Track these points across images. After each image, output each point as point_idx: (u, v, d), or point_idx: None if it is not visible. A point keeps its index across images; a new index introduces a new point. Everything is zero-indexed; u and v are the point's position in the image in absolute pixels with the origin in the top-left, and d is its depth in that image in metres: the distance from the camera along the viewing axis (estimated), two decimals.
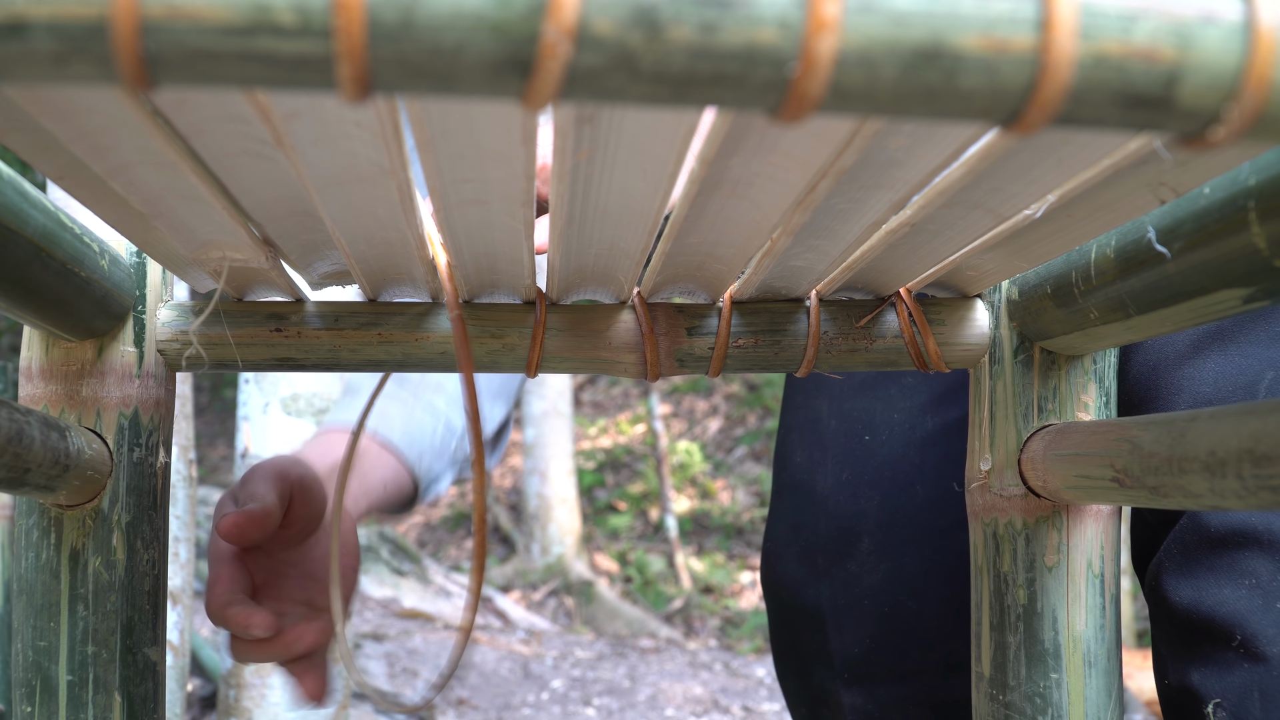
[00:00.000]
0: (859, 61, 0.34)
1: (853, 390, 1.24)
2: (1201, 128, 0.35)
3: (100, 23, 0.33)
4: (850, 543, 1.22)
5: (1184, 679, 0.98)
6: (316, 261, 0.81)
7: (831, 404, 1.25)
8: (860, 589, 1.22)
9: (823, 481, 1.25)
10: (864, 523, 1.22)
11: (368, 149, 0.56)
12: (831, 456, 1.24)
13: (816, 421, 1.26)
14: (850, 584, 1.22)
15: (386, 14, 0.33)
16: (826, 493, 1.24)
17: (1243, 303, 0.61)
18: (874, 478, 1.22)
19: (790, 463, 1.30)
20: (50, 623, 0.83)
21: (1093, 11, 0.34)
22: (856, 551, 1.22)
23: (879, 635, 1.21)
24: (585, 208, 0.65)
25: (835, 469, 1.23)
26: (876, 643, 1.22)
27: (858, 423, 1.23)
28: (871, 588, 1.22)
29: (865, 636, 1.22)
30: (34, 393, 0.85)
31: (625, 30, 0.33)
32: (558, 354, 0.88)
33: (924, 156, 0.55)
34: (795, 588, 1.28)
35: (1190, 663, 0.97)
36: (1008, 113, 0.35)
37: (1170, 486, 0.63)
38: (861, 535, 1.22)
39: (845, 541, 1.22)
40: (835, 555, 1.23)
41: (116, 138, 0.56)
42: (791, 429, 1.30)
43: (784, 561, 1.29)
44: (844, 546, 1.22)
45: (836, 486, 1.23)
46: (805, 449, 1.28)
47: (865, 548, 1.22)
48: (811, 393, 1.28)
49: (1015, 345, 0.88)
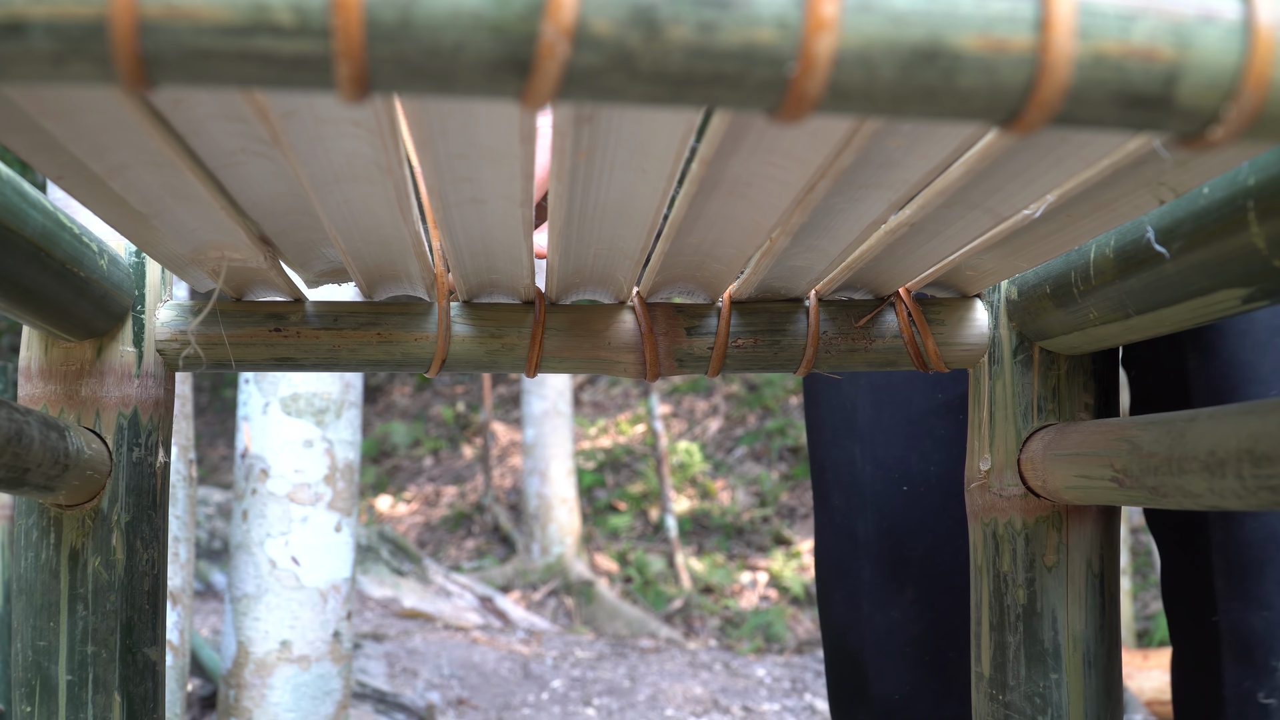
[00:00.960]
0: (858, 61, 0.34)
1: (885, 438, 1.23)
2: (1200, 127, 0.35)
3: (99, 22, 0.33)
4: (894, 591, 1.23)
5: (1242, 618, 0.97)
6: (313, 260, 0.81)
7: (864, 449, 1.25)
8: (903, 636, 1.23)
9: (864, 529, 1.25)
10: (908, 572, 1.23)
11: (365, 147, 0.56)
12: (871, 505, 1.24)
13: (851, 464, 1.26)
14: (894, 631, 1.23)
15: (385, 14, 0.33)
16: (868, 540, 1.25)
17: (1242, 303, 0.60)
18: (916, 528, 1.22)
19: (829, 504, 1.30)
20: (50, 622, 0.83)
21: (1091, 11, 0.34)
22: (901, 600, 1.23)
23: (919, 682, 1.23)
24: (584, 207, 0.64)
25: (875, 518, 1.24)
26: (916, 689, 1.23)
27: (894, 471, 1.24)
28: (914, 636, 1.23)
29: (905, 683, 1.23)
30: (33, 392, 0.85)
31: (624, 30, 0.33)
32: (557, 354, 0.88)
33: (923, 156, 0.55)
34: (840, 630, 1.29)
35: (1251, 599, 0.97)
36: (1006, 112, 0.35)
37: (1170, 486, 0.63)
38: (905, 585, 1.23)
39: (889, 590, 1.23)
40: (879, 602, 1.24)
41: (115, 137, 0.56)
42: (825, 468, 1.31)
43: (831, 603, 1.30)
44: (888, 595, 1.23)
45: (878, 535, 1.24)
46: (843, 493, 1.28)
47: (909, 597, 1.23)
48: (841, 431, 1.27)
49: (1015, 345, 0.87)
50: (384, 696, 4.61)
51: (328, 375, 2.85)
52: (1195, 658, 1.03)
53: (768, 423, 9.26)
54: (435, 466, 9.70)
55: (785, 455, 8.99)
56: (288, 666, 2.85)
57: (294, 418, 2.86)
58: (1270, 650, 0.97)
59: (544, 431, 7.67)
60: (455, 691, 4.98)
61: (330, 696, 2.89)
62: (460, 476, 9.46)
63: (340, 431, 2.89)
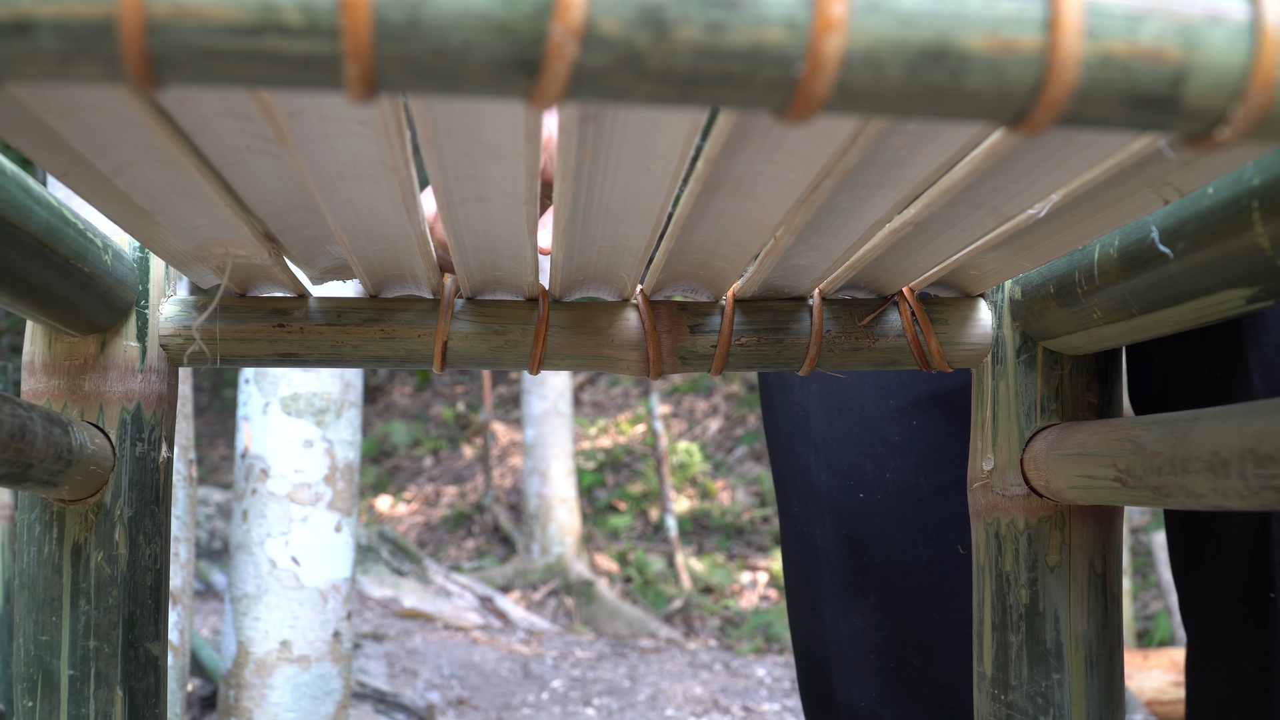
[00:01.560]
0: (865, 61, 0.34)
1: (839, 444, 1.22)
2: (1208, 128, 0.35)
3: (106, 22, 0.33)
4: (856, 598, 1.22)
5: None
6: (318, 257, 0.81)
7: (819, 455, 1.24)
8: (867, 644, 1.22)
9: (823, 537, 1.24)
10: (869, 579, 1.22)
11: (370, 146, 0.56)
12: (829, 512, 1.23)
13: (807, 471, 1.25)
14: (857, 639, 1.22)
15: (393, 13, 0.33)
16: (828, 548, 1.23)
17: (1246, 303, 0.61)
18: (874, 536, 1.21)
19: (789, 511, 1.29)
20: (52, 617, 0.83)
21: (1099, 12, 0.34)
22: (863, 607, 1.21)
23: (885, 690, 1.22)
24: (589, 205, 0.65)
25: (834, 525, 1.23)
26: (883, 698, 1.22)
27: (850, 479, 1.22)
28: (878, 644, 1.22)
29: (871, 690, 1.22)
30: (37, 387, 0.85)
31: (632, 30, 0.33)
32: (560, 351, 0.88)
33: (928, 156, 0.55)
34: (805, 638, 1.28)
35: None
36: (1014, 113, 0.35)
37: (1173, 486, 0.63)
38: (867, 592, 1.22)
39: (850, 597, 1.22)
40: (841, 610, 1.23)
41: (120, 135, 0.56)
42: (784, 475, 1.29)
43: (796, 611, 1.29)
44: (849, 602, 1.22)
45: (838, 543, 1.23)
46: (801, 500, 1.26)
47: (871, 604, 1.22)
48: (796, 438, 1.26)
49: (1018, 345, 0.87)
50: (384, 696, 4.61)
51: (328, 375, 2.85)
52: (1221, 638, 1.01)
53: None
54: (435, 466, 9.71)
55: None
56: (288, 666, 2.85)
57: (294, 418, 2.86)
58: None
59: (544, 431, 7.67)
60: (455, 691, 4.98)
61: (330, 696, 2.89)
62: (460, 476, 9.46)
63: (340, 431, 2.90)
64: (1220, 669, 1.03)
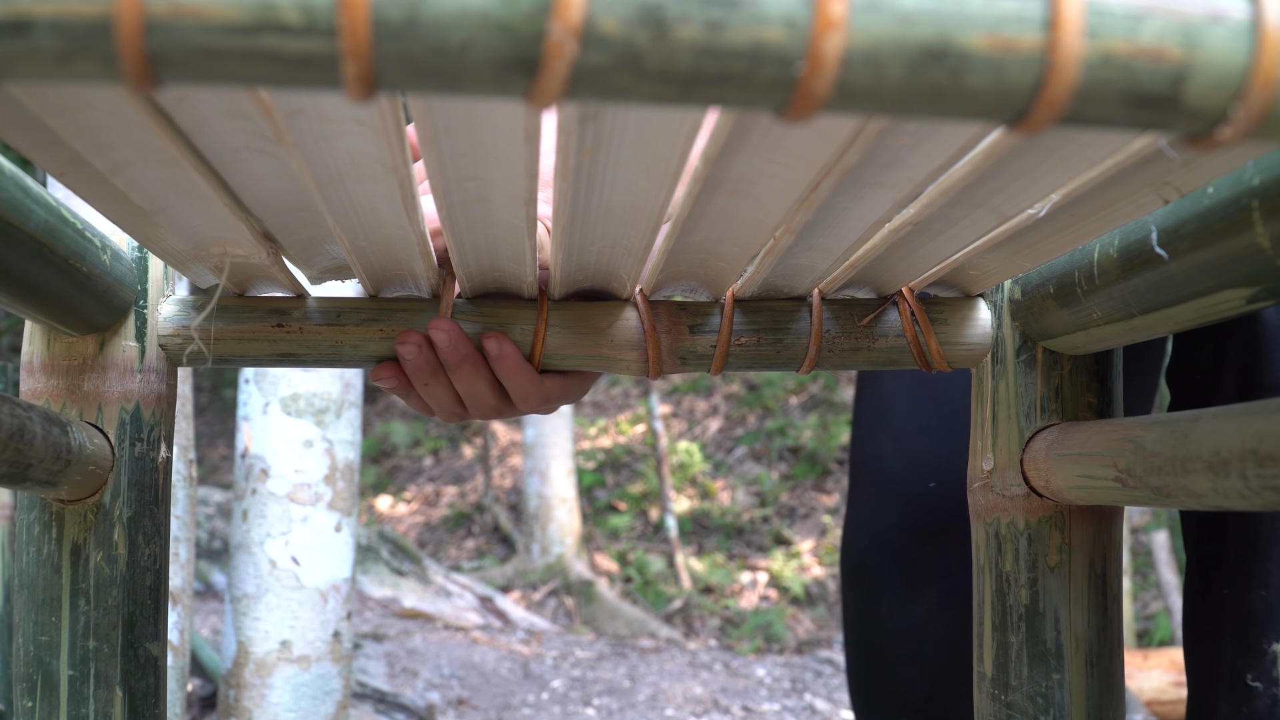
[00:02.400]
0: (866, 61, 0.34)
1: (917, 433, 1.22)
2: (1208, 127, 0.35)
3: (104, 21, 0.33)
4: (917, 589, 1.22)
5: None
6: (316, 256, 0.81)
7: (896, 443, 1.24)
8: (924, 635, 1.22)
9: (887, 525, 1.24)
10: (930, 571, 1.22)
11: (369, 146, 0.56)
12: (897, 500, 1.23)
13: (880, 459, 1.25)
14: (915, 629, 1.22)
15: (391, 12, 0.33)
16: (891, 537, 1.24)
17: (1246, 303, 0.61)
18: (940, 527, 1.21)
19: (858, 499, 1.29)
20: (51, 617, 0.83)
21: (1099, 11, 0.34)
22: (923, 599, 1.21)
23: (938, 682, 1.22)
24: (588, 205, 0.65)
25: (901, 515, 1.23)
26: (936, 689, 1.22)
27: (924, 466, 1.22)
28: (935, 635, 1.22)
29: (925, 684, 1.22)
30: (35, 387, 0.85)
31: (631, 29, 0.33)
32: (560, 351, 0.88)
33: (927, 155, 0.55)
34: (861, 627, 1.28)
35: None
36: (1014, 112, 0.35)
37: (1173, 487, 0.63)
38: (929, 584, 1.22)
39: (911, 588, 1.22)
40: (901, 600, 1.23)
41: (118, 134, 0.56)
42: (858, 463, 1.29)
43: (853, 600, 1.29)
44: (910, 592, 1.22)
45: (903, 532, 1.23)
46: (871, 487, 1.27)
47: (931, 596, 1.22)
48: (877, 425, 1.27)
49: (1018, 345, 0.87)
50: (384, 696, 4.61)
51: (328, 375, 2.85)
52: (1205, 630, 1.02)
53: (768, 423, 9.27)
54: (435, 466, 9.71)
55: (785, 455, 9.00)
56: (288, 666, 2.85)
57: (294, 418, 2.86)
58: (1263, 631, 0.96)
59: (544, 431, 7.67)
60: (455, 691, 4.98)
61: (330, 696, 2.89)
62: (460, 476, 9.46)
63: (340, 431, 2.90)
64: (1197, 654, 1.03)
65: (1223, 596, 0.99)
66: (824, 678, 5.56)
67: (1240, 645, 0.98)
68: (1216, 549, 1.00)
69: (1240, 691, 0.96)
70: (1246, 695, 0.96)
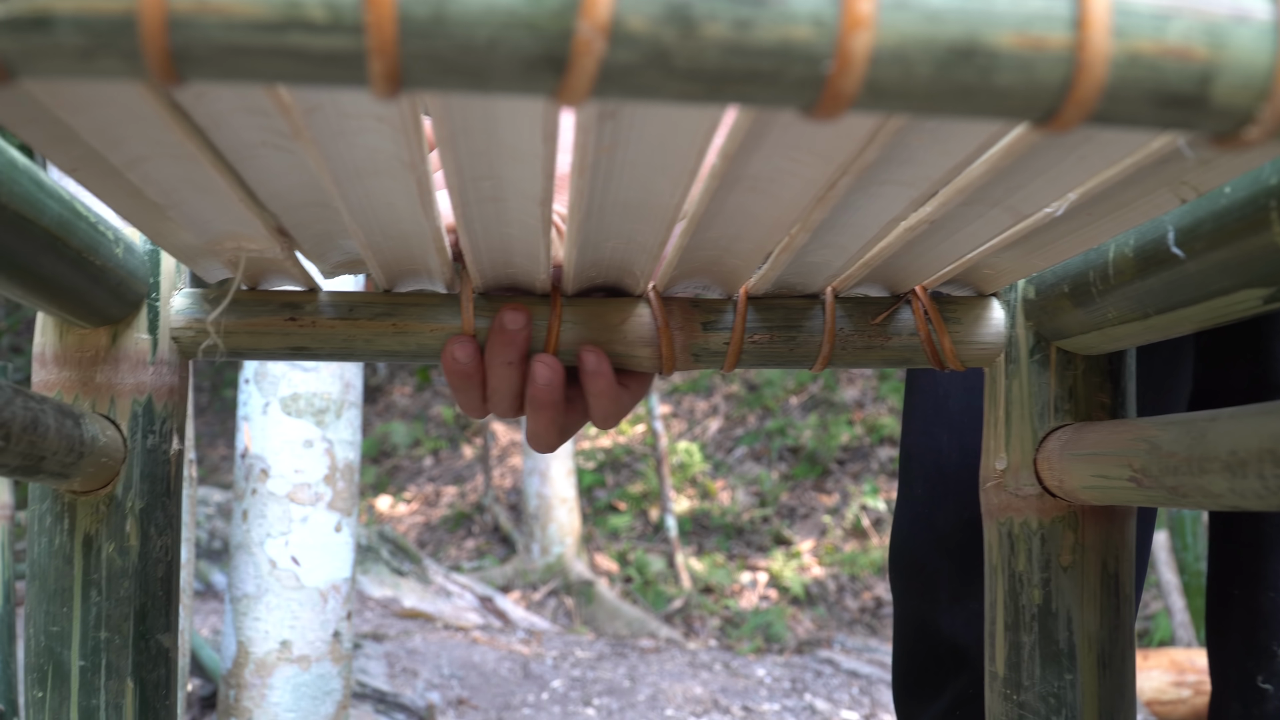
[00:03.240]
0: (894, 59, 0.34)
1: (974, 425, 1.21)
2: (1235, 127, 0.35)
3: (128, 17, 0.33)
4: (973, 583, 1.21)
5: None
6: (330, 251, 0.81)
7: (952, 435, 1.23)
8: (980, 630, 1.21)
9: (945, 520, 1.23)
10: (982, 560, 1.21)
11: (388, 143, 0.56)
12: (954, 494, 1.22)
13: (937, 452, 1.24)
14: (973, 624, 1.21)
15: (418, 9, 0.33)
16: (949, 532, 1.23)
17: (1263, 303, 0.61)
18: None
19: (912, 493, 1.28)
20: (63, 608, 0.83)
21: (1126, 10, 0.34)
22: (978, 592, 1.20)
23: None
24: (604, 201, 0.65)
25: (957, 509, 1.22)
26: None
27: (979, 460, 1.22)
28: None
29: (980, 676, 1.21)
30: (48, 379, 0.85)
31: (659, 27, 0.33)
32: (573, 346, 0.88)
33: (946, 153, 0.55)
34: (916, 622, 1.27)
35: None
36: (1043, 111, 0.35)
37: (1189, 487, 0.63)
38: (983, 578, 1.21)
39: (967, 582, 1.21)
40: (957, 595, 1.22)
41: (132, 130, 0.56)
42: (912, 456, 1.29)
43: (907, 595, 1.28)
44: (966, 587, 1.22)
45: (959, 526, 1.22)
46: (926, 482, 1.26)
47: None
48: (931, 418, 1.26)
49: (1031, 344, 0.87)
50: (384, 696, 4.62)
51: (328, 375, 2.85)
52: (1219, 631, 1.02)
53: (768, 423, 9.27)
54: (435, 466, 9.71)
55: (785, 455, 9.00)
56: (288, 666, 2.85)
57: (294, 418, 2.87)
58: (1272, 633, 0.96)
59: None
60: (455, 691, 4.99)
61: (330, 696, 2.90)
62: (460, 476, 9.47)
63: (340, 431, 2.90)
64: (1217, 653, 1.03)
65: (1233, 597, 0.99)
66: (824, 678, 5.57)
67: (1250, 646, 0.98)
68: (1231, 550, 1.00)
69: (1251, 693, 0.96)
70: (1257, 697, 0.96)
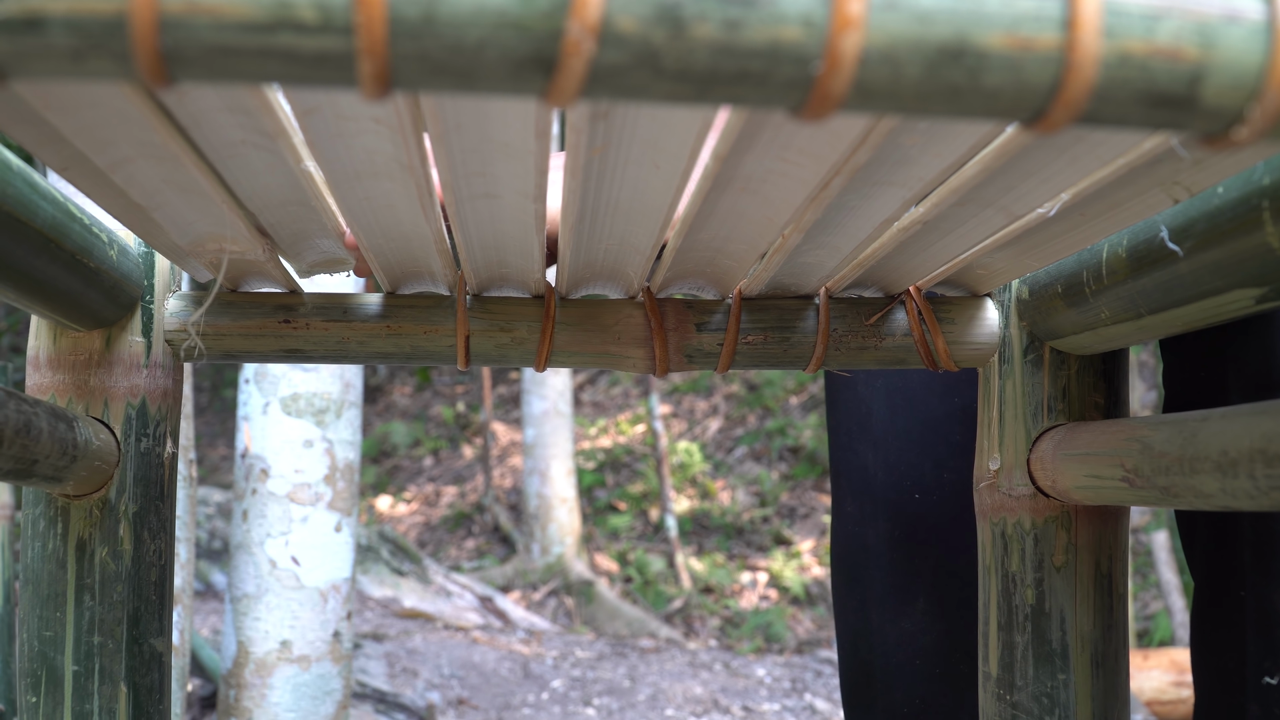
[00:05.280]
0: (883, 59, 0.34)
1: (900, 443, 1.21)
2: (1224, 127, 0.35)
3: (119, 18, 0.33)
4: (905, 601, 1.21)
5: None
6: (306, 250, 0.81)
7: (877, 453, 1.23)
8: (914, 648, 1.21)
9: (874, 537, 1.23)
10: (919, 582, 1.21)
11: (386, 144, 0.56)
12: (883, 512, 1.22)
13: (864, 470, 1.24)
14: (905, 642, 1.21)
15: (408, 10, 0.33)
16: (880, 549, 1.23)
17: (1255, 302, 0.61)
18: (928, 538, 1.20)
19: (843, 510, 1.28)
20: (56, 613, 0.83)
21: (1116, 11, 0.34)
22: (912, 611, 1.20)
23: (929, 696, 1.21)
24: (597, 203, 0.65)
25: (887, 526, 1.22)
26: (927, 702, 1.21)
27: (907, 478, 1.21)
28: (925, 648, 1.21)
29: (916, 697, 1.21)
30: (42, 382, 0.85)
31: (649, 27, 0.33)
32: (567, 348, 0.88)
33: (938, 154, 0.55)
34: (852, 639, 1.27)
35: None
36: (1032, 111, 0.35)
37: (1181, 486, 0.63)
38: (917, 595, 1.21)
39: (900, 600, 1.21)
40: (890, 612, 1.22)
41: (117, 131, 0.56)
42: (840, 472, 1.28)
43: (845, 612, 1.28)
44: (898, 605, 1.21)
45: (890, 544, 1.22)
46: (856, 499, 1.25)
47: (920, 607, 1.21)
48: (855, 434, 1.25)
49: (1025, 345, 0.87)
50: (384, 696, 4.61)
51: (328, 375, 2.85)
52: (1221, 633, 1.02)
53: (768, 423, 9.26)
54: (435, 466, 9.70)
55: (785, 455, 8.99)
56: (288, 666, 2.85)
57: (294, 418, 2.86)
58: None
59: (544, 431, 7.67)
60: (455, 691, 4.98)
61: (330, 696, 2.89)
62: (460, 476, 9.46)
63: (340, 431, 2.90)
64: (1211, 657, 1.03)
65: (1240, 599, 0.99)
66: (824, 678, 5.57)
67: (1265, 646, 0.98)
68: (1230, 552, 1.00)
69: (1269, 692, 0.96)
70: (1276, 696, 0.96)
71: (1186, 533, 1.07)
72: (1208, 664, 1.03)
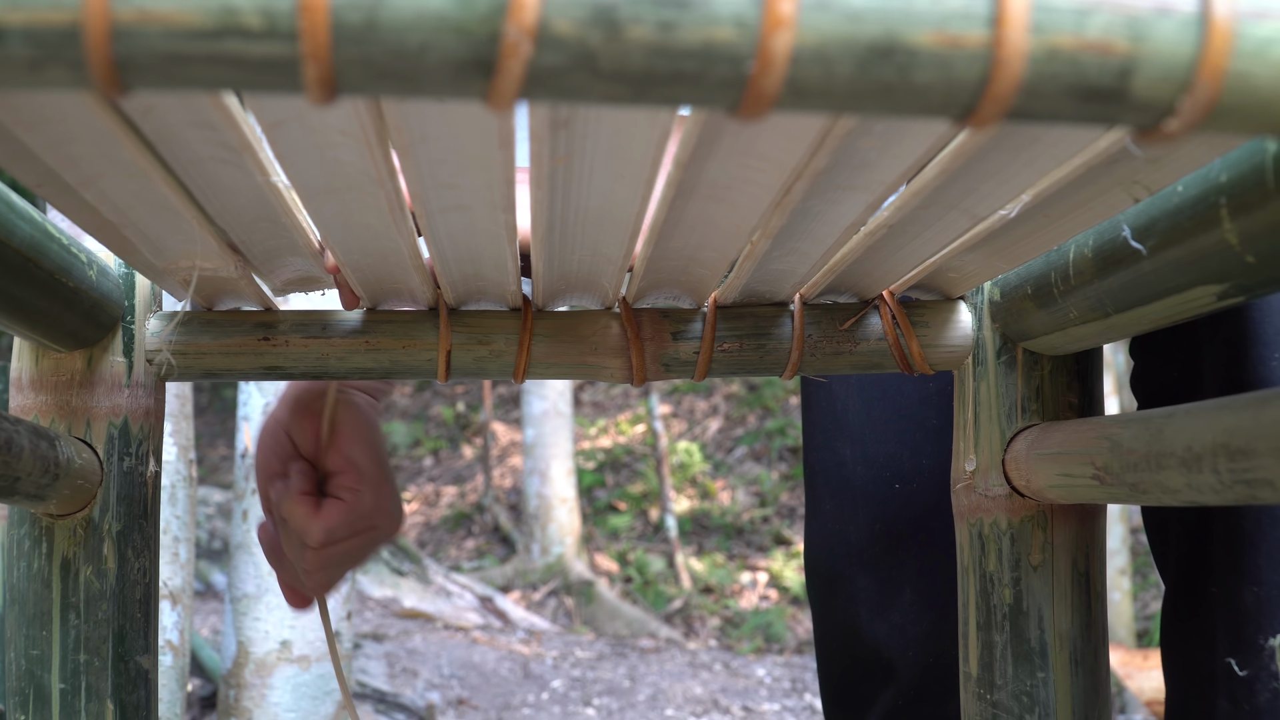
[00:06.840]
0: (815, 58, 0.34)
1: (876, 435, 1.21)
2: (1156, 120, 0.35)
3: (73, 28, 0.33)
4: (892, 595, 1.21)
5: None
6: (279, 268, 0.81)
7: (854, 448, 1.23)
8: (905, 641, 1.21)
9: (855, 534, 1.22)
10: (904, 574, 1.20)
11: (354, 157, 0.56)
12: (863, 507, 1.22)
13: (841, 467, 1.24)
14: (894, 636, 1.21)
15: (350, 16, 0.33)
16: (861, 545, 1.22)
17: (1217, 299, 0.61)
18: (910, 527, 1.20)
19: (820, 510, 1.27)
20: (42, 631, 0.83)
21: (1046, 7, 0.34)
22: (900, 603, 1.20)
23: (923, 686, 1.21)
24: (565, 213, 0.65)
25: (868, 521, 1.21)
26: (919, 693, 1.21)
27: (886, 470, 1.21)
28: (916, 639, 1.20)
29: (909, 688, 1.21)
30: (24, 403, 0.85)
31: (585, 30, 0.34)
32: (544, 360, 0.88)
33: (896, 157, 0.56)
34: (840, 639, 1.26)
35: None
36: (962, 108, 0.35)
37: (1149, 483, 0.63)
38: (904, 588, 1.21)
39: (887, 594, 1.21)
40: (878, 608, 1.22)
41: (87, 147, 0.56)
42: (816, 472, 1.28)
43: (829, 613, 1.27)
44: (886, 599, 1.21)
45: (872, 539, 1.21)
46: (834, 498, 1.25)
47: (908, 599, 1.20)
48: (831, 432, 1.25)
49: (998, 346, 0.88)
50: (384, 696, 4.62)
51: None
52: (1192, 629, 1.02)
53: (768, 423, 9.27)
54: (435, 466, 9.71)
55: (785, 455, 9.00)
56: (288, 666, 2.85)
57: None
58: (1259, 627, 0.96)
59: (544, 431, 7.67)
60: (455, 691, 4.98)
61: (330, 696, 2.90)
62: (460, 476, 9.46)
63: None
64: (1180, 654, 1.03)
65: (1211, 595, 0.99)
66: None
67: (1235, 642, 0.98)
68: (1201, 548, 1.01)
69: (1240, 688, 0.96)
70: (1246, 691, 0.97)
71: (1156, 532, 1.08)
72: (1179, 660, 1.03)
